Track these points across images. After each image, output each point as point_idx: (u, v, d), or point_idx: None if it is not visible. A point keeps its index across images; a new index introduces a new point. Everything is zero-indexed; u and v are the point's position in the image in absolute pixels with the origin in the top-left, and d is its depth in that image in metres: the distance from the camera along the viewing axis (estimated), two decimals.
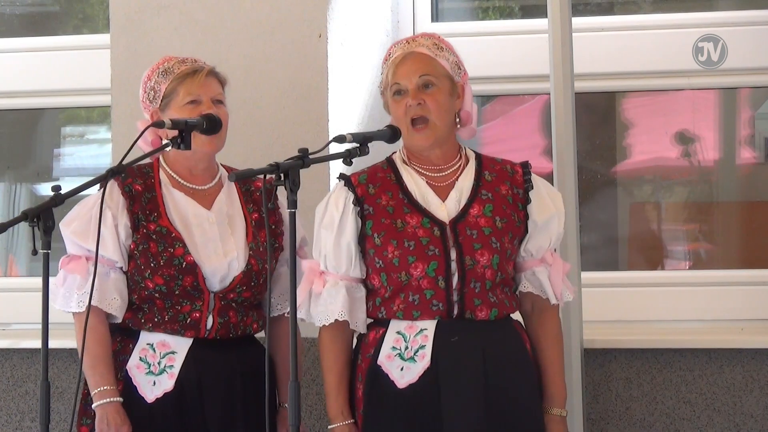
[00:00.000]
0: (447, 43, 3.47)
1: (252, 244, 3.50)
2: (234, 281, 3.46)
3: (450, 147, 3.45)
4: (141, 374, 3.44)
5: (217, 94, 3.50)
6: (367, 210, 3.39)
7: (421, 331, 3.34)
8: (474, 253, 3.33)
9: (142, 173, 3.52)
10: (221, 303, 3.45)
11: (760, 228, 4.59)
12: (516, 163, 3.48)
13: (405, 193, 3.41)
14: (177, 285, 3.43)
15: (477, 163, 3.45)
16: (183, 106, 3.46)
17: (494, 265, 3.33)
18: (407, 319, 3.35)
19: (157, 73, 3.52)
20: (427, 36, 3.48)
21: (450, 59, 3.43)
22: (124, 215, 3.46)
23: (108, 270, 3.45)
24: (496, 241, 3.34)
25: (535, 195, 3.43)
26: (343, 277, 3.39)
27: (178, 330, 3.45)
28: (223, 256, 3.46)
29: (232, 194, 3.56)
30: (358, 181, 3.42)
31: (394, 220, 3.38)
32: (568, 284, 3.49)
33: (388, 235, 3.37)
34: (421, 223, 3.36)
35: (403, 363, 3.33)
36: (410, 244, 3.34)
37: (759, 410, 4.07)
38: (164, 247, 3.44)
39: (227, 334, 3.47)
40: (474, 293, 3.33)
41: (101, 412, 3.39)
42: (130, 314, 3.48)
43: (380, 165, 3.48)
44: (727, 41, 4.43)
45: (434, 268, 3.32)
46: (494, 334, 3.35)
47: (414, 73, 3.38)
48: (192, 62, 3.54)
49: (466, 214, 3.37)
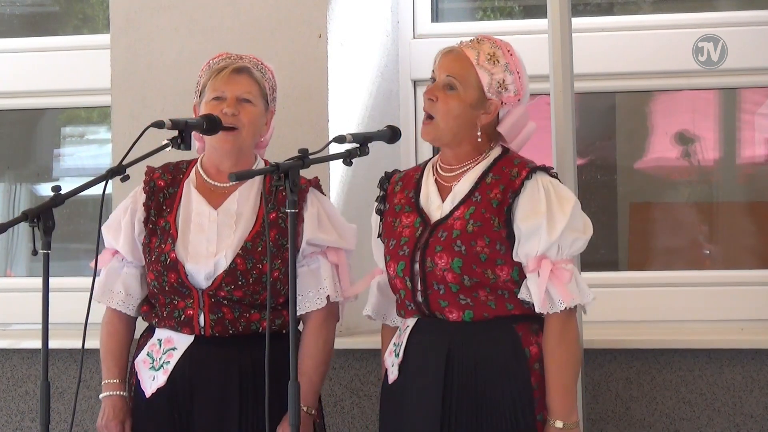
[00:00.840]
0: (512, 60, 3.38)
1: (249, 243, 3.48)
2: (217, 280, 3.45)
3: (463, 151, 3.40)
4: (145, 369, 3.49)
5: (244, 92, 3.48)
6: (385, 207, 3.46)
7: (407, 328, 3.41)
8: (434, 255, 3.30)
9: (176, 169, 3.59)
10: (211, 300, 3.45)
11: (761, 228, 4.59)
12: (527, 167, 3.36)
13: (416, 193, 3.42)
14: (164, 281, 3.46)
15: (490, 165, 3.39)
16: (209, 101, 3.49)
17: (456, 269, 3.28)
18: (400, 316, 3.46)
19: (205, 68, 3.56)
20: (495, 44, 3.39)
21: (496, 75, 3.35)
22: (141, 210, 3.53)
23: (123, 264, 3.55)
24: (462, 244, 3.28)
25: (523, 200, 3.31)
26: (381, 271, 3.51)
27: (175, 326, 3.48)
28: (213, 254, 3.46)
29: (251, 192, 3.54)
30: (395, 179, 3.49)
31: (395, 218, 3.41)
32: (566, 293, 3.29)
33: (386, 233, 3.43)
34: (413, 222, 3.37)
35: (394, 359, 3.41)
36: (392, 243, 3.38)
37: (759, 410, 4.07)
38: (159, 243, 3.48)
39: (225, 331, 3.46)
40: (439, 295, 3.31)
41: (103, 404, 3.51)
42: (147, 308, 3.55)
43: (422, 163, 3.54)
44: (727, 41, 4.43)
45: (402, 268, 3.34)
46: (469, 336, 3.30)
47: (445, 70, 3.36)
48: (232, 59, 3.55)
49: (449, 216, 3.34)
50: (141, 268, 3.55)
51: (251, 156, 3.57)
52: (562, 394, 3.30)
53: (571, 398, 3.33)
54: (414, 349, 3.36)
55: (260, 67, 3.56)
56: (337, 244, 3.52)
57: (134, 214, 3.53)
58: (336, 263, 3.52)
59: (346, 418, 4.24)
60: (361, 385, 4.23)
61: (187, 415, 3.44)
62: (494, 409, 3.29)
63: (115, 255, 3.56)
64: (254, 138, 3.53)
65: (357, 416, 4.23)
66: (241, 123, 3.47)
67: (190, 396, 3.44)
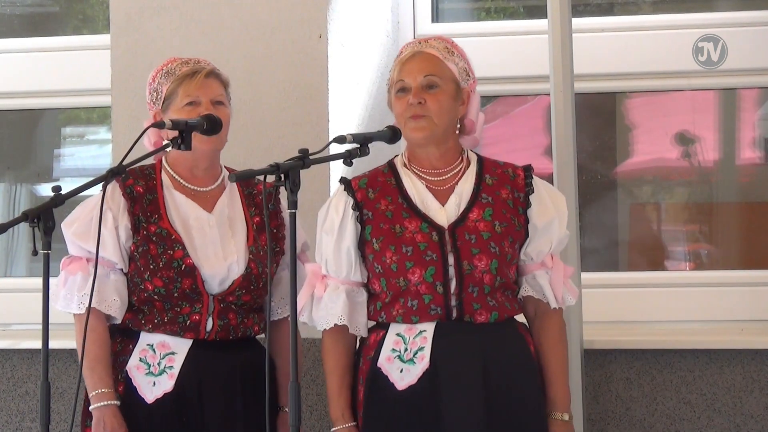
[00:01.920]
0: (460, 49, 3.44)
1: (252, 247, 3.49)
2: (233, 285, 3.45)
3: (449, 150, 3.42)
4: (141, 375, 3.44)
5: (217, 95, 3.49)
6: (366, 215, 3.38)
7: (420, 332, 3.33)
8: (472, 258, 3.31)
9: (144, 175, 3.52)
10: (220, 305, 3.45)
11: (760, 229, 4.59)
12: (518, 167, 3.46)
13: (404, 198, 3.39)
14: (176, 287, 3.43)
15: (479, 167, 3.43)
16: (182, 107, 3.46)
17: (493, 270, 3.32)
18: (406, 322, 3.35)
19: (160, 74, 3.52)
20: (440, 39, 3.45)
21: (459, 65, 3.40)
22: (125, 217, 3.46)
23: (108, 271, 3.46)
24: (495, 245, 3.33)
25: (536, 199, 3.41)
26: (343, 281, 3.38)
27: (177, 331, 3.45)
28: (223, 259, 3.46)
29: (234, 197, 3.56)
30: (359, 186, 3.41)
31: (392, 225, 3.37)
32: (570, 287, 3.47)
33: (387, 240, 3.36)
34: (419, 228, 3.35)
35: (402, 365, 3.33)
36: (408, 250, 3.33)
37: (759, 411, 4.06)
38: (164, 249, 3.44)
39: (227, 336, 3.47)
40: (472, 297, 3.32)
41: (98, 415, 3.40)
42: (130, 315, 3.48)
43: (381, 168, 3.47)
44: (727, 41, 4.43)
45: (432, 273, 3.31)
46: (494, 337, 3.33)
47: (419, 72, 3.36)
48: (194, 63, 3.53)
49: (466, 219, 3.35)
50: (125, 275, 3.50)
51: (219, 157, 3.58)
52: (565, 387, 3.43)
53: (569, 391, 3.47)
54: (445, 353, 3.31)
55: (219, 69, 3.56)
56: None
57: (116, 220, 3.45)
58: None
59: None
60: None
61: (197, 418, 3.43)
62: (526, 409, 3.35)
63: (89, 263, 3.42)
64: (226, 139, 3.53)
65: None
66: None
67: (199, 397, 3.43)
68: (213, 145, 3.48)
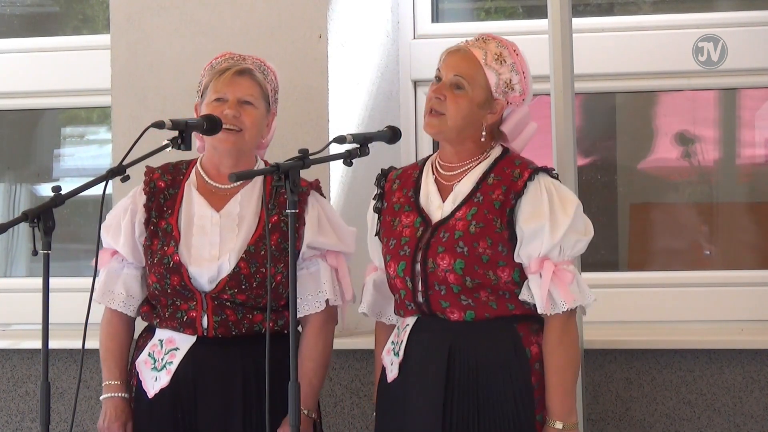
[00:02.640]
0: (519, 60, 3.38)
1: (252, 246, 3.48)
2: (220, 284, 3.45)
3: (465, 150, 3.39)
4: (147, 369, 3.49)
5: (246, 94, 3.47)
6: (383, 206, 3.45)
7: (406, 326, 3.39)
8: (436, 256, 3.30)
9: (176, 170, 3.57)
10: (214, 303, 3.45)
11: (761, 229, 4.59)
12: (532, 168, 3.36)
13: (415, 192, 3.41)
14: (167, 284, 3.45)
15: (491, 165, 3.38)
16: (210, 102, 3.48)
17: (458, 270, 3.28)
18: (398, 315, 3.45)
19: (208, 68, 3.55)
20: (502, 43, 3.40)
21: (503, 75, 3.35)
22: (141, 211, 3.52)
23: (123, 265, 3.54)
24: (464, 245, 3.28)
25: (525, 202, 3.31)
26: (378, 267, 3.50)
27: (177, 327, 3.47)
28: (216, 258, 3.46)
29: (253, 195, 3.53)
30: (392, 177, 3.49)
31: (394, 217, 3.40)
32: (568, 294, 3.29)
33: (385, 232, 3.42)
34: (413, 222, 3.36)
35: (393, 357, 3.40)
36: (392, 243, 3.37)
37: (759, 411, 4.06)
38: (161, 245, 3.47)
39: (228, 332, 3.46)
40: (440, 295, 3.31)
41: (104, 406, 3.49)
42: (147, 309, 3.54)
43: (419, 161, 3.53)
44: (727, 41, 4.43)
45: (402, 268, 3.34)
46: (470, 336, 3.30)
47: (452, 69, 3.35)
48: (236, 60, 3.53)
49: (451, 217, 3.34)
50: (141, 269, 3.54)
51: (252, 157, 3.57)
52: (561, 395, 3.31)
53: (571, 399, 3.33)
54: (414, 348, 3.35)
55: (263, 68, 3.55)
56: (337, 248, 3.52)
57: (134, 215, 3.51)
58: (335, 267, 3.52)
59: (346, 418, 4.24)
60: (361, 386, 4.23)
61: (190, 415, 3.44)
62: (495, 409, 3.29)
63: (114, 255, 3.55)
64: (255, 140, 3.52)
65: (357, 416, 4.23)
66: (242, 125, 3.46)
67: (193, 396, 3.44)
68: (231, 144, 3.47)
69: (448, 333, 3.32)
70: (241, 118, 3.46)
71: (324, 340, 3.52)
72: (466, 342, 3.31)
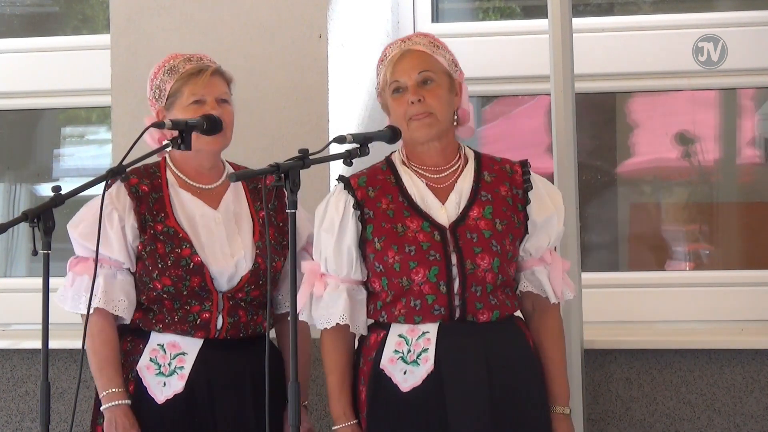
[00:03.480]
0: (442, 42, 3.45)
1: (259, 242, 3.49)
2: (242, 281, 3.46)
3: (449, 144, 3.42)
4: (151, 375, 3.44)
5: (222, 93, 3.49)
6: (368, 214, 3.37)
7: (423, 334, 3.32)
8: (475, 257, 3.31)
9: (149, 173, 3.52)
10: (230, 303, 3.46)
11: (760, 229, 4.59)
12: (515, 162, 3.45)
13: (405, 196, 3.39)
14: (185, 286, 3.43)
15: (476, 164, 3.43)
16: (187, 106, 3.46)
17: (495, 269, 3.32)
18: (408, 323, 3.34)
19: (162, 71, 3.51)
20: (422, 35, 3.47)
21: (447, 57, 3.41)
22: (131, 216, 3.46)
23: (115, 271, 3.46)
24: (497, 244, 3.33)
25: (535, 195, 3.41)
26: (344, 279, 3.37)
27: (188, 330, 3.45)
28: (231, 256, 3.46)
29: (239, 193, 3.55)
30: (358, 184, 3.40)
31: (394, 224, 3.36)
32: (568, 282, 3.47)
33: (389, 239, 3.35)
34: (421, 227, 3.34)
35: (406, 366, 3.32)
36: (411, 249, 3.33)
37: (759, 411, 4.07)
38: (171, 248, 3.44)
39: (237, 333, 3.47)
40: (475, 297, 3.32)
41: (110, 415, 3.41)
42: (140, 314, 3.49)
43: (379, 166, 3.45)
44: (727, 41, 4.43)
45: (435, 273, 3.31)
46: (497, 336, 3.34)
47: (413, 70, 3.36)
48: (197, 60, 3.53)
49: (466, 218, 3.35)
50: (132, 274, 3.50)
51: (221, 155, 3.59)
52: (566, 382, 3.45)
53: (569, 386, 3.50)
54: (449, 354, 3.31)
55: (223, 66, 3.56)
56: None
57: (122, 220, 3.45)
58: None
59: None
60: None
61: (208, 419, 3.43)
62: (531, 405, 3.36)
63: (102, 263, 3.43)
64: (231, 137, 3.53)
65: None
66: (225, 124, 3.47)
67: (209, 398, 3.43)
68: (218, 145, 3.48)
69: (480, 335, 3.32)
70: (223, 118, 3.46)
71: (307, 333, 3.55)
72: (496, 343, 3.34)
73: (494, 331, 3.34)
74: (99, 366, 3.45)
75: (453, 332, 3.31)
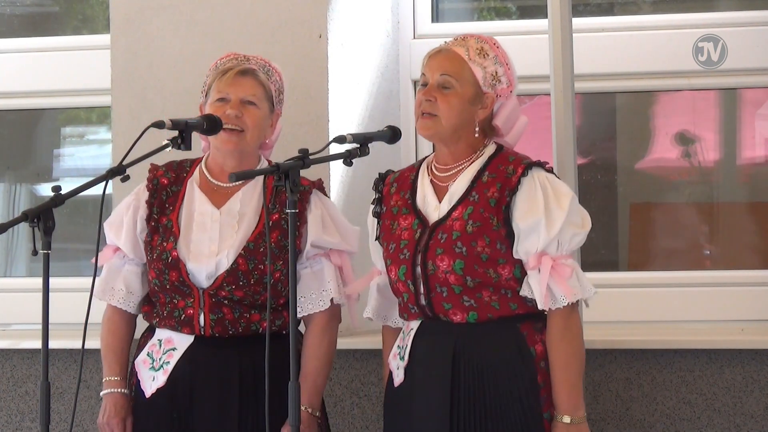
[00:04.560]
0: (500, 52, 3.40)
1: (251, 243, 3.48)
2: (218, 280, 3.45)
3: (461, 149, 3.39)
4: (145, 369, 3.50)
5: (248, 94, 3.48)
6: (382, 210, 3.45)
7: (411, 330, 3.40)
8: (435, 258, 3.30)
9: (180, 167, 3.59)
10: (211, 300, 3.45)
11: (761, 229, 4.59)
12: (525, 163, 3.36)
13: (412, 194, 3.41)
14: (165, 279, 3.46)
15: (485, 163, 3.38)
16: (213, 102, 3.50)
17: (458, 270, 3.28)
18: (404, 319, 3.45)
19: (213, 67, 3.57)
20: (479, 39, 3.41)
21: (488, 68, 3.36)
22: (143, 207, 3.53)
23: (124, 261, 3.55)
24: (463, 245, 3.28)
25: (520, 198, 3.31)
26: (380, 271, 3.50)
27: (175, 326, 3.48)
28: (215, 254, 3.47)
29: (254, 193, 3.53)
30: (389, 181, 3.48)
31: (393, 221, 3.39)
32: (567, 288, 3.30)
33: (385, 236, 3.42)
34: (411, 225, 3.36)
35: (399, 362, 3.40)
36: (392, 246, 3.37)
37: (759, 411, 4.06)
38: (161, 241, 3.48)
39: (224, 331, 3.47)
40: (442, 297, 3.31)
41: (104, 402, 3.52)
42: (147, 308, 3.56)
43: (415, 163, 3.53)
44: (727, 41, 4.43)
45: (404, 272, 3.34)
46: (472, 337, 3.31)
47: (437, 70, 3.36)
48: (240, 60, 3.54)
49: (448, 217, 3.34)
50: (143, 265, 3.55)
51: (255, 157, 3.57)
52: (568, 390, 3.31)
53: (578, 393, 3.34)
54: (419, 352, 3.36)
55: (267, 68, 3.56)
56: (341, 246, 3.52)
57: (136, 211, 3.53)
58: (339, 265, 3.53)
59: (346, 418, 4.24)
60: (362, 386, 4.23)
61: (186, 416, 3.44)
62: (502, 410, 3.29)
63: (116, 252, 3.56)
64: (258, 140, 3.53)
65: (357, 417, 4.23)
66: (244, 125, 3.47)
67: (189, 397, 3.45)
68: (233, 145, 3.49)
69: (451, 335, 3.32)
70: (243, 119, 3.46)
71: (328, 339, 3.53)
72: (470, 344, 3.31)
73: (471, 333, 3.31)
74: (103, 353, 3.56)
75: (427, 331, 3.36)
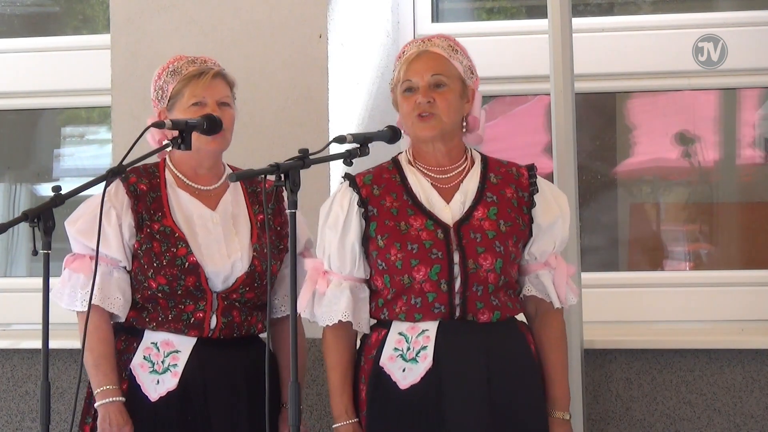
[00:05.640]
0: (462, 47, 3.45)
1: (256, 245, 3.50)
2: (237, 282, 3.46)
3: (455, 147, 3.43)
4: (145, 373, 3.45)
5: (223, 96, 3.50)
6: (372, 211, 3.39)
7: (423, 332, 3.33)
8: (477, 256, 3.32)
9: (147, 173, 3.53)
10: (224, 303, 3.46)
11: (760, 228, 4.59)
12: (522, 166, 3.47)
13: (409, 195, 3.40)
14: (179, 285, 3.43)
15: (483, 166, 3.44)
16: (188, 107, 3.47)
17: (497, 269, 3.33)
18: (409, 320, 3.35)
19: (166, 73, 3.53)
20: (443, 37, 3.46)
21: (464, 62, 3.41)
22: (129, 215, 3.47)
23: (111, 269, 3.47)
24: (500, 244, 3.33)
25: (541, 198, 3.42)
26: (347, 277, 3.38)
27: (181, 329, 3.46)
28: (227, 257, 3.47)
29: (237, 195, 3.56)
30: (363, 182, 3.41)
31: (397, 222, 3.37)
32: (572, 287, 3.48)
33: (392, 237, 3.36)
34: (425, 225, 3.35)
35: (405, 364, 3.32)
36: (413, 247, 3.33)
37: (759, 411, 4.07)
38: (167, 247, 3.44)
39: (231, 333, 3.48)
40: (476, 296, 3.32)
41: (103, 412, 3.41)
42: (134, 313, 3.49)
43: (386, 165, 3.47)
44: (727, 41, 4.43)
45: (437, 271, 3.31)
46: (497, 337, 3.34)
47: (426, 72, 3.37)
48: (201, 63, 3.54)
49: (471, 217, 3.36)
50: (129, 273, 3.51)
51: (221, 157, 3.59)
52: (566, 387, 3.44)
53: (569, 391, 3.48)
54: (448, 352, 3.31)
55: (226, 69, 3.57)
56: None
57: (120, 218, 3.46)
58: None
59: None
60: None
61: (202, 416, 3.43)
62: (529, 409, 3.36)
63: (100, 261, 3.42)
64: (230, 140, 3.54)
65: None
66: (225, 126, 3.47)
67: (203, 396, 3.43)
68: (217, 145, 3.49)
69: (481, 335, 3.33)
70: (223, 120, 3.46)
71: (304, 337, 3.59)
72: (497, 343, 3.34)
73: (494, 332, 3.34)
74: (95, 363, 3.43)
75: (453, 330, 3.32)
